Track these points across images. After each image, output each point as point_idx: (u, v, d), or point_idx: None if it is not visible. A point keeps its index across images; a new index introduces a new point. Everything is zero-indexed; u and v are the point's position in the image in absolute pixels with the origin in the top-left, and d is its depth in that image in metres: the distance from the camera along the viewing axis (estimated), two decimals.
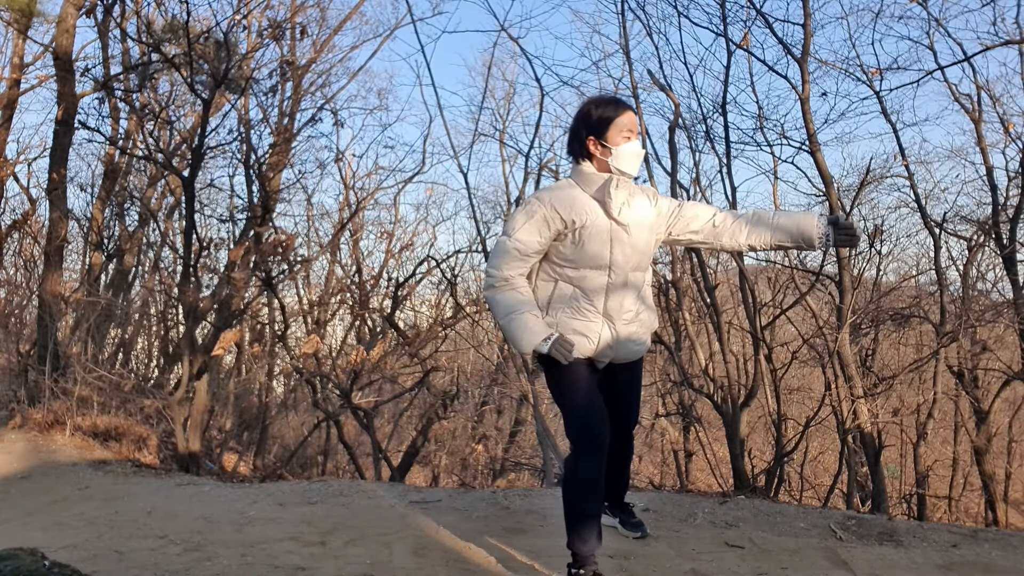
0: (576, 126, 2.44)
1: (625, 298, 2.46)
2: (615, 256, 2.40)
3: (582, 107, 2.48)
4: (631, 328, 2.51)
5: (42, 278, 7.47)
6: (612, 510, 3.03)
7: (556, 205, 2.37)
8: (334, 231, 11.90)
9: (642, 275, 2.53)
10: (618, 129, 2.38)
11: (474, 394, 12.16)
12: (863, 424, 5.53)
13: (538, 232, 2.37)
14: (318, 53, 10.34)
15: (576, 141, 2.44)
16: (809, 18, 5.80)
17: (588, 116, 2.41)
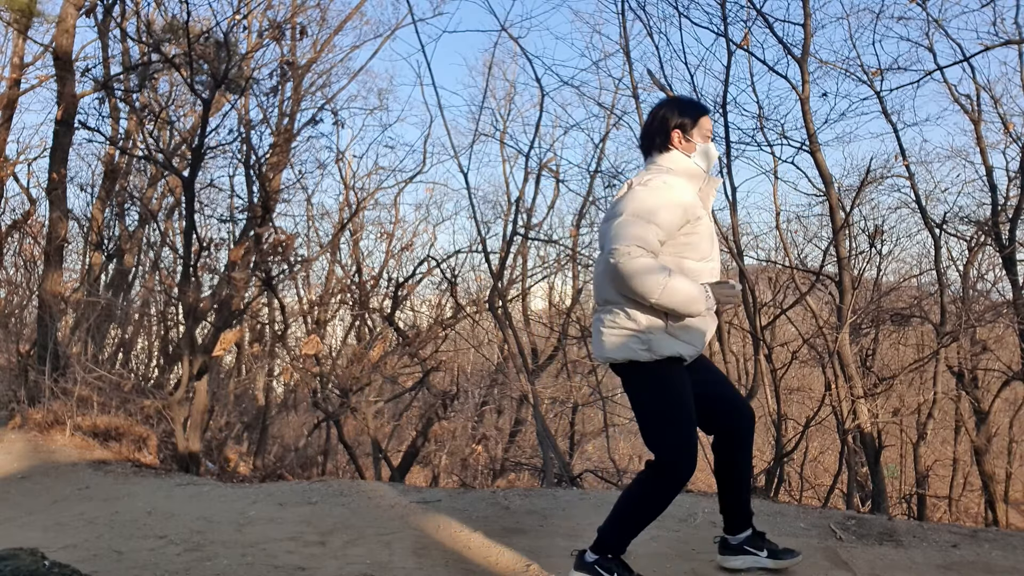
0: (661, 120, 2.46)
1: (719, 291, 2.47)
2: (715, 249, 2.45)
3: (667, 104, 2.53)
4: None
5: (42, 278, 7.48)
6: (751, 542, 2.59)
7: (682, 190, 2.36)
8: (334, 231, 11.89)
9: None
10: (702, 128, 2.46)
11: (474, 394, 12.15)
12: (863, 424, 5.53)
13: (673, 219, 2.30)
14: (318, 53, 10.33)
15: (661, 134, 2.45)
16: (809, 18, 5.80)
17: (675, 112, 2.46)
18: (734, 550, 2.59)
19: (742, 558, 2.57)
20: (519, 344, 7.87)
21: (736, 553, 2.58)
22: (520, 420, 11.87)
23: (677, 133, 2.44)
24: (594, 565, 2.40)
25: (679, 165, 2.42)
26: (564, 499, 3.71)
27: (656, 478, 2.38)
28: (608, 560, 2.40)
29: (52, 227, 7.22)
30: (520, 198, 11.32)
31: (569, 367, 11.53)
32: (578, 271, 12.45)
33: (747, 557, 2.56)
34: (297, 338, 11.28)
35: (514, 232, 9.17)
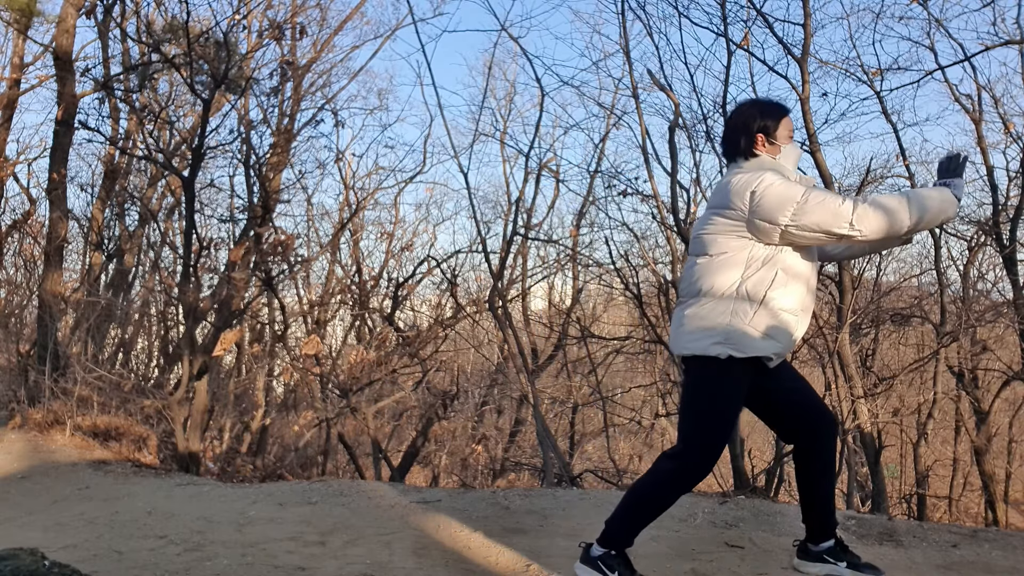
0: (744, 123, 2.45)
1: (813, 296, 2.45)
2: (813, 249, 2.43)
3: (749, 106, 2.53)
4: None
5: (42, 278, 7.47)
6: (832, 553, 2.51)
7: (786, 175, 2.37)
8: (334, 231, 11.89)
9: None
10: (786, 129, 2.45)
11: (474, 394, 12.16)
12: (863, 424, 5.53)
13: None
14: (318, 53, 10.34)
15: (745, 137, 2.43)
16: (809, 18, 5.80)
17: (756, 115, 2.45)
18: (813, 557, 2.54)
19: (820, 565, 2.52)
20: (519, 344, 7.87)
21: (815, 560, 2.53)
22: (520, 420, 11.87)
23: (761, 136, 2.42)
24: (598, 560, 2.39)
25: (777, 164, 2.42)
26: (564, 499, 3.71)
27: (673, 472, 2.37)
28: (612, 557, 2.39)
29: (52, 227, 7.22)
30: (520, 198, 11.33)
31: (569, 367, 11.54)
32: (578, 271, 12.46)
33: (825, 565, 2.50)
34: (297, 338, 11.28)
35: (514, 232, 9.17)
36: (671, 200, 6.16)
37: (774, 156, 2.43)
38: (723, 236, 2.35)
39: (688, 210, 7.16)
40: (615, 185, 10.01)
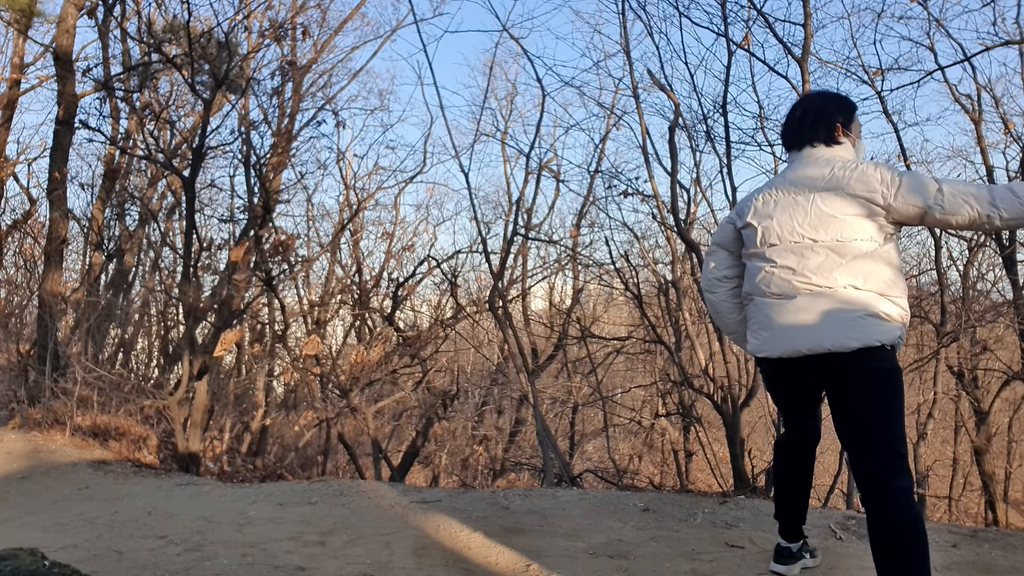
0: (823, 111, 2.44)
1: None
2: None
3: (829, 97, 2.52)
4: None
5: (42, 278, 7.47)
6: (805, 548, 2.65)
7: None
8: (334, 231, 11.90)
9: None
10: (858, 124, 2.48)
11: (474, 394, 12.16)
12: None
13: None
14: (319, 53, 10.33)
15: (824, 126, 2.42)
16: (810, 18, 5.80)
17: (839, 106, 2.46)
18: (794, 558, 2.58)
19: (799, 564, 2.59)
20: (519, 344, 7.86)
21: (796, 560, 2.59)
22: (520, 420, 11.87)
23: (840, 127, 2.43)
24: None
25: (852, 154, 2.41)
26: (564, 499, 3.71)
27: (910, 491, 2.17)
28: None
29: (52, 227, 7.22)
30: (520, 198, 11.30)
31: (569, 367, 11.54)
32: (578, 271, 12.46)
33: (802, 561, 2.60)
34: (297, 338, 11.28)
35: (514, 232, 9.15)
36: (671, 200, 6.16)
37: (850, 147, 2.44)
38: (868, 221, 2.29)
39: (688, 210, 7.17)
40: (615, 185, 10.02)
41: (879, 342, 2.18)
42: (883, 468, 2.10)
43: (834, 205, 2.28)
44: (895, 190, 2.22)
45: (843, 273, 2.25)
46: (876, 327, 2.19)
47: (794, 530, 2.57)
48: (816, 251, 2.28)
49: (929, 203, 2.20)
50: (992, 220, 2.16)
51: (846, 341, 2.18)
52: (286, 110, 9.95)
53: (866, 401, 2.17)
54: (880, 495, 2.08)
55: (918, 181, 2.23)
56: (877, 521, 2.07)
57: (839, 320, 2.21)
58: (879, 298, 2.22)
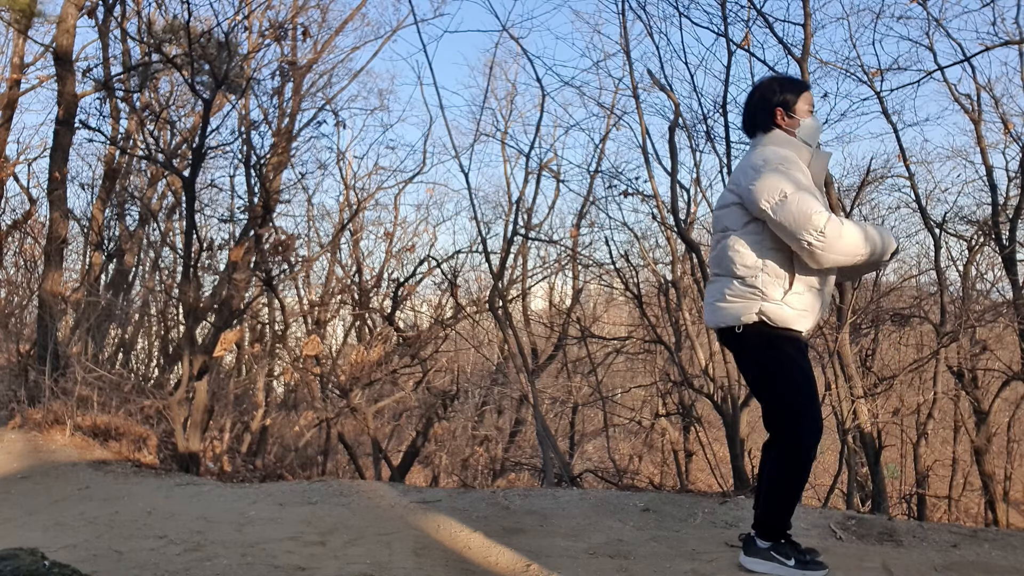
0: (762, 98, 2.51)
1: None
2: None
3: (767, 82, 2.58)
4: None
5: (42, 278, 7.47)
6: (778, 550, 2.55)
7: (799, 165, 2.40)
8: (334, 231, 11.90)
9: None
10: (805, 102, 2.50)
11: (474, 394, 12.16)
12: (863, 424, 5.53)
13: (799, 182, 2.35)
14: (319, 54, 10.32)
15: (763, 112, 2.49)
16: (809, 18, 5.80)
17: (776, 89, 2.50)
18: (760, 553, 2.54)
19: (767, 564, 2.53)
20: (519, 344, 7.87)
21: (762, 558, 2.53)
22: (520, 420, 11.87)
23: (780, 111, 2.47)
24: (770, 551, 2.49)
25: (785, 143, 2.46)
26: (564, 499, 3.71)
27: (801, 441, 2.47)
28: (781, 545, 2.49)
29: (52, 227, 7.21)
30: (520, 198, 11.31)
31: (569, 367, 11.54)
32: (578, 271, 12.46)
33: (771, 563, 2.50)
34: (297, 338, 11.28)
35: (514, 232, 9.16)
36: (671, 200, 6.16)
37: (793, 129, 2.47)
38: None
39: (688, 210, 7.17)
40: (615, 185, 10.02)
41: (724, 324, 2.47)
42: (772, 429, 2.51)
43: (722, 198, 2.53)
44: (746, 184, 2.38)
45: (712, 262, 2.55)
46: (721, 311, 2.47)
47: (772, 529, 2.53)
48: (714, 240, 2.57)
49: (766, 208, 2.34)
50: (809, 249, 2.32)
51: (709, 322, 2.56)
52: (286, 110, 9.96)
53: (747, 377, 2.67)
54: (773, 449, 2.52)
55: (769, 183, 2.32)
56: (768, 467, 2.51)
57: (707, 305, 2.56)
58: (729, 281, 2.44)
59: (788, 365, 2.43)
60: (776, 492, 2.48)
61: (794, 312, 2.39)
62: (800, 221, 2.27)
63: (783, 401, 2.46)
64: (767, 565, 2.49)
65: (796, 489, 2.48)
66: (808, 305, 2.41)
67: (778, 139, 2.47)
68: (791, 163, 2.38)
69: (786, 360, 2.42)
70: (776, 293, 2.37)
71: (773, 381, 2.48)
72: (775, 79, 2.62)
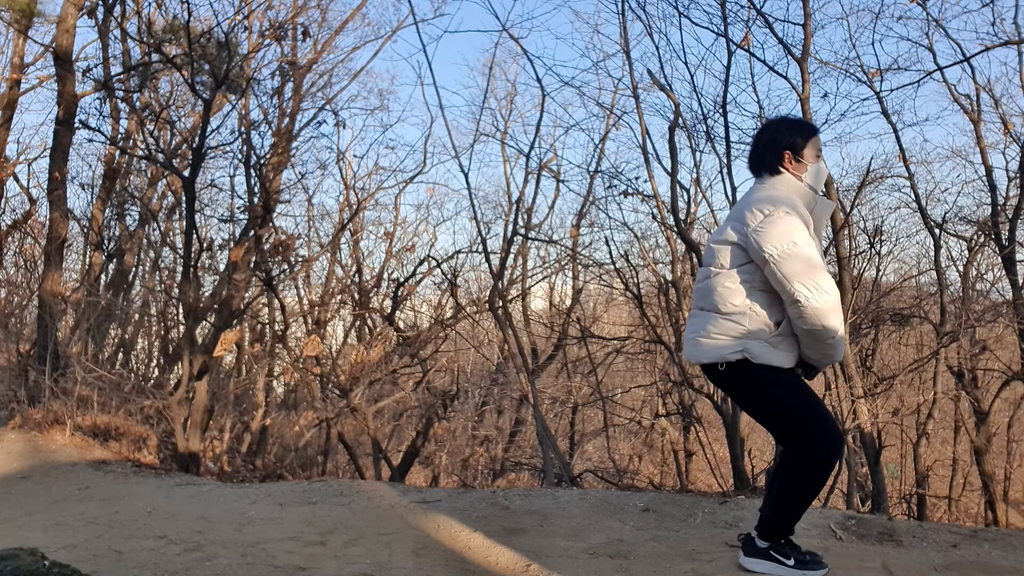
0: (771, 140, 2.49)
1: None
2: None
3: (777, 123, 2.57)
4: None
5: (42, 278, 7.47)
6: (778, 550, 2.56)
7: (801, 212, 2.36)
8: (335, 231, 11.90)
9: None
10: (814, 148, 2.48)
11: (474, 394, 12.16)
12: (863, 424, 5.53)
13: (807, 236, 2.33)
14: (319, 54, 10.32)
15: (771, 153, 2.48)
16: (809, 18, 5.81)
17: (786, 132, 2.48)
18: (759, 552, 2.56)
19: (766, 563, 2.54)
20: (519, 344, 7.87)
21: (761, 557, 2.55)
22: (520, 420, 11.87)
23: (788, 154, 2.45)
24: (769, 551, 2.49)
25: (791, 187, 2.43)
26: (564, 499, 3.71)
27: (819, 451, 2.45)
28: (781, 545, 2.49)
29: (52, 227, 7.21)
30: (520, 198, 11.31)
31: (569, 367, 11.54)
32: (578, 271, 12.46)
33: (770, 563, 2.52)
34: (297, 338, 11.28)
35: (514, 232, 9.16)
36: (671, 200, 6.16)
37: (800, 174, 2.45)
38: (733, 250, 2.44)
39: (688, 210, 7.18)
40: (615, 185, 10.02)
41: (707, 360, 2.45)
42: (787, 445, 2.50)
43: (720, 232, 2.49)
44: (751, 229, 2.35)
45: (697, 295, 2.53)
46: (703, 346, 2.45)
47: (774, 531, 2.53)
48: (702, 272, 2.56)
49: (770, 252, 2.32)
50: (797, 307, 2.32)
51: (690, 357, 2.53)
52: (286, 110, 9.96)
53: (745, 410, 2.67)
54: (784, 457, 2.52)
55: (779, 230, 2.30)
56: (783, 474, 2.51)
57: (688, 339, 2.54)
58: (713, 317, 2.43)
59: (776, 394, 2.41)
60: (787, 500, 2.47)
61: (777, 352, 2.38)
62: (806, 272, 2.27)
63: (790, 428, 2.44)
64: (766, 565, 2.49)
65: (807, 500, 2.47)
66: (792, 346, 2.40)
67: (785, 183, 2.45)
68: (796, 210, 2.36)
69: (772, 391, 2.41)
70: (761, 333, 2.36)
71: (772, 412, 2.47)
72: (785, 121, 2.59)
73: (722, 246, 2.44)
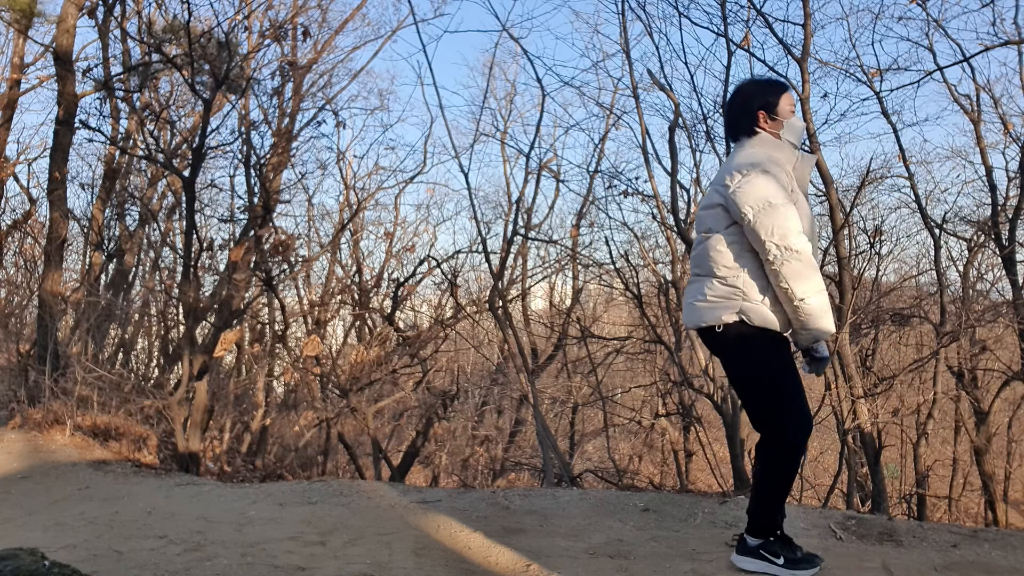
0: (744, 103, 2.50)
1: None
2: (813, 230, 2.46)
3: (747, 86, 2.57)
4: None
5: (42, 278, 7.47)
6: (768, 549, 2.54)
7: (782, 169, 2.37)
8: (335, 231, 11.90)
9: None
10: (787, 103, 2.48)
11: (474, 394, 12.16)
12: (863, 424, 5.53)
13: (787, 196, 2.33)
14: (319, 54, 10.33)
15: (745, 116, 2.48)
16: (809, 19, 5.81)
17: (757, 92, 2.50)
18: (749, 551, 2.57)
19: (757, 562, 2.55)
20: (519, 344, 7.87)
21: (752, 556, 2.56)
22: (520, 420, 11.88)
23: (762, 114, 2.46)
24: (759, 549, 2.48)
25: (770, 146, 2.44)
26: (564, 499, 3.71)
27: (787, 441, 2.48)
28: (771, 543, 2.48)
29: (52, 227, 7.21)
30: (520, 198, 11.33)
31: (569, 367, 11.54)
32: (578, 271, 12.46)
33: (760, 562, 2.52)
34: (297, 338, 11.28)
35: (514, 232, 9.17)
36: (671, 200, 6.17)
37: (777, 131, 2.46)
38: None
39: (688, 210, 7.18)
40: (615, 185, 10.03)
41: (704, 323, 2.44)
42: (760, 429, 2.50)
43: (707, 198, 2.51)
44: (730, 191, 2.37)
45: (693, 261, 2.55)
46: (701, 310, 2.45)
47: (762, 527, 2.55)
48: (697, 240, 2.57)
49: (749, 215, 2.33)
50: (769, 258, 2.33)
51: (688, 321, 2.54)
52: (286, 110, 9.96)
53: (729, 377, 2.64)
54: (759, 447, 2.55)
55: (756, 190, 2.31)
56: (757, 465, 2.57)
57: (686, 304, 2.55)
58: (709, 281, 2.44)
59: (770, 364, 2.42)
60: (765, 491, 2.50)
61: (771, 313, 2.38)
62: (777, 232, 2.28)
63: (768, 402, 2.45)
64: (757, 563, 2.50)
65: (784, 487, 2.49)
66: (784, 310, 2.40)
67: (764, 142, 2.46)
68: (777, 167, 2.37)
69: (767, 359, 2.42)
70: (756, 294, 2.37)
71: (756, 381, 2.47)
72: (754, 82, 2.62)
73: (709, 211, 2.47)
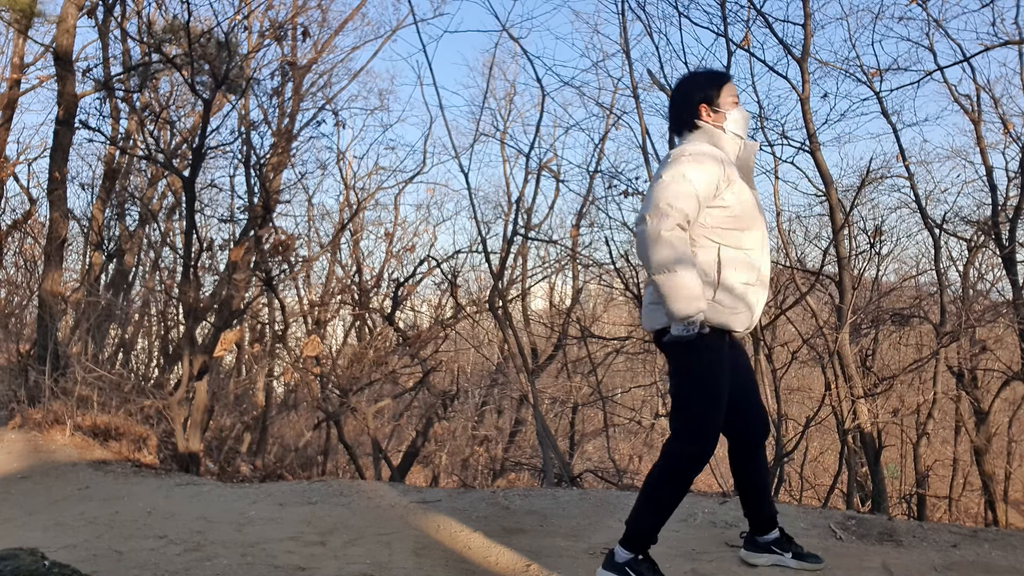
0: (684, 97, 2.45)
1: (768, 261, 2.43)
2: (760, 219, 2.41)
3: (687, 80, 2.53)
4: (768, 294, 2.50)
5: (42, 278, 7.47)
6: (778, 544, 2.58)
7: (716, 158, 2.31)
8: (335, 231, 11.90)
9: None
10: (729, 94, 2.43)
11: (474, 394, 12.16)
12: (863, 424, 5.53)
13: (710, 182, 2.25)
14: (319, 53, 10.33)
15: (686, 110, 2.43)
16: (809, 18, 5.81)
17: (698, 86, 2.45)
18: (760, 548, 2.60)
19: (766, 556, 2.58)
20: (519, 344, 7.87)
21: (761, 551, 2.60)
22: (520, 420, 11.87)
23: (704, 107, 2.41)
24: (625, 567, 2.38)
25: (714, 138, 2.39)
26: (564, 499, 3.71)
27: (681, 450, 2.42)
28: (639, 562, 2.38)
29: (52, 227, 7.21)
30: (520, 198, 11.33)
31: (569, 367, 11.53)
32: (578, 271, 12.47)
33: (771, 556, 2.57)
34: (297, 338, 11.28)
35: (514, 232, 9.17)
36: None
37: (720, 123, 2.41)
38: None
39: None
40: (615, 185, 10.02)
41: (660, 326, 2.35)
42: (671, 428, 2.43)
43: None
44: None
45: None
46: (656, 312, 2.35)
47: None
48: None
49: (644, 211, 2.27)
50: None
51: (646, 325, 2.46)
52: (286, 110, 9.96)
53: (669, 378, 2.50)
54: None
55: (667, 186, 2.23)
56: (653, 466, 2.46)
57: (644, 307, 2.47)
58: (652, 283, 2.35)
59: (703, 374, 2.31)
60: (649, 497, 2.39)
61: (726, 310, 2.29)
62: (650, 201, 2.22)
63: (689, 408, 2.35)
64: (766, 557, 2.53)
65: (667, 500, 2.38)
66: (738, 303, 2.31)
67: (707, 135, 2.40)
68: (707, 157, 2.29)
69: (703, 368, 2.30)
70: (707, 292, 2.27)
71: (686, 386, 2.36)
72: (695, 75, 2.57)
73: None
